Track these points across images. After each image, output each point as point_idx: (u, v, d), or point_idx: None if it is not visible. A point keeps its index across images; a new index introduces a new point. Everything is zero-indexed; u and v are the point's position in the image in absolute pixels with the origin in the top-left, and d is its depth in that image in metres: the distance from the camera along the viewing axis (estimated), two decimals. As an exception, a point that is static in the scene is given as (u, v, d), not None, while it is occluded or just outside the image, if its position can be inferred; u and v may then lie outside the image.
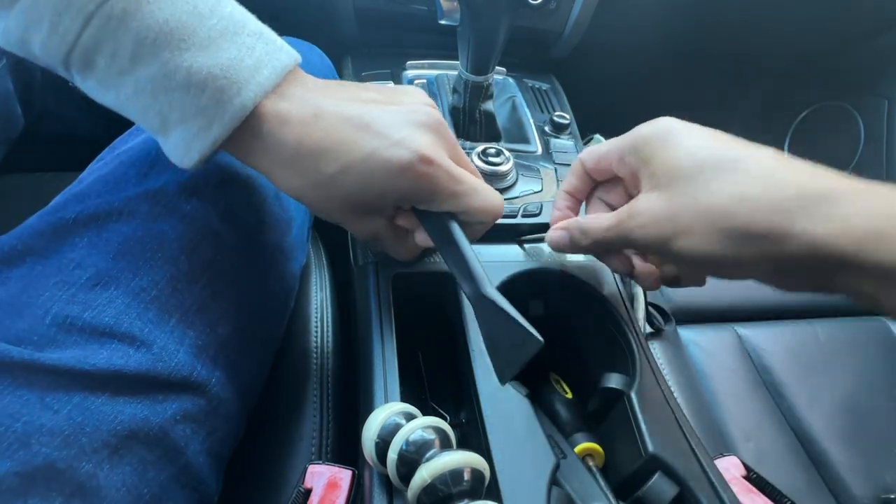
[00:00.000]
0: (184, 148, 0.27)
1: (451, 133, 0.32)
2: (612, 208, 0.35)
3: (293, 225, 0.40)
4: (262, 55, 0.26)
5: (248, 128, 0.27)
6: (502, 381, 0.30)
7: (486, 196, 0.32)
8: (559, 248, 0.36)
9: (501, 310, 0.29)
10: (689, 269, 0.34)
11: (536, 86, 0.63)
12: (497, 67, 0.57)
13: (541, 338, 0.28)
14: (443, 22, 0.47)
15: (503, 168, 0.46)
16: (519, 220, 0.43)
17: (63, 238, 0.28)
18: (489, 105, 0.52)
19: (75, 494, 0.23)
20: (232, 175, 0.33)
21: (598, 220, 0.33)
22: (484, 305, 0.30)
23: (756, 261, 0.27)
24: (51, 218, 0.30)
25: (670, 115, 0.31)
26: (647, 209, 0.29)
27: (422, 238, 0.34)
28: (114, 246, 0.28)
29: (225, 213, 0.32)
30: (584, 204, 0.38)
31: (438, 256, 0.40)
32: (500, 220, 0.36)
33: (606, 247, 0.34)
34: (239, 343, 0.32)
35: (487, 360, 0.33)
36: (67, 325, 0.25)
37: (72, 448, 0.23)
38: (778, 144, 1.09)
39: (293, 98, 0.28)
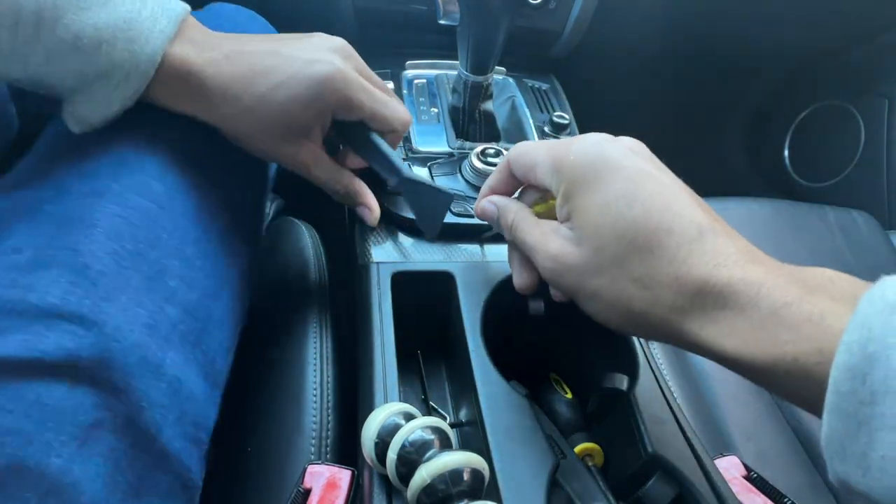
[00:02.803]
0: (104, 102, 0.30)
1: (359, 57, 0.36)
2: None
3: (246, 198, 0.39)
4: (154, 6, 0.30)
5: (167, 73, 0.30)
6: (431, 237, 0.40)
7: (395, 106, 0.37)
8: (485, 218, 0.35)
9: (422, 182, 0.37)
10: None
11: (536, 86, 0.63)
12: (497, 67, 0.57)
13: (451, 192, 0.38)
14: (442, 22, 0.47)
15: None
16: None
17: None
18: (489, 105, 0.52)
19: (50, 492, 0.23)
20: (171, 148, 0.33)
21: (527, 226, 0.31)
22: (408, 186, 0.37)
23: (657, 338, 0.27)
24: None
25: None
26: (561, 259, 0.28)
27: (352, 159, 0.40)
28: (52, 227, 0.27)
29: (166, 189, 0.31)
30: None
31: (437, 256, 0.40)
32: None
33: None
34: (192, 323, 0.31)
35: (488, 360, 0.33)
36: (9, 310, 0.24)
37: (38, 445, 0.23)
38: (778, 144, 1.09)
39: (198, 41, 0.31)
